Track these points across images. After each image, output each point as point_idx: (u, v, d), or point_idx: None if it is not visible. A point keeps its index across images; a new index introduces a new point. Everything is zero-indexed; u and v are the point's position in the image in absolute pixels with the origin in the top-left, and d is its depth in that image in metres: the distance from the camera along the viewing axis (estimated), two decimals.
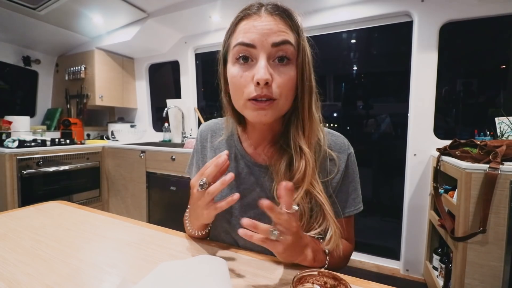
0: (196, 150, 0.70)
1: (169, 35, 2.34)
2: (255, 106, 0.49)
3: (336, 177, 0.58)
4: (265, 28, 0.48)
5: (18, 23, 2.04)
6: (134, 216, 2.12)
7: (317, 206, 0.53)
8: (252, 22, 0.49)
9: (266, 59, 0.48)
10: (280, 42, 0.48)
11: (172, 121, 2.50)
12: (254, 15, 0.50)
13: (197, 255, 0.51)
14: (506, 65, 1.64)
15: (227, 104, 0.58)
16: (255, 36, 0.48)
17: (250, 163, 0.60)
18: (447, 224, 1.25)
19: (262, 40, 0.47)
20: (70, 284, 0.44)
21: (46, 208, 0.81)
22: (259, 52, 0.48)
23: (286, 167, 0.55)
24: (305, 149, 0.53)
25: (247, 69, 0.49)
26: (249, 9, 0.51)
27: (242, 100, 0.51)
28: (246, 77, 0.49)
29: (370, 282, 0.45)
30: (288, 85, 0.49)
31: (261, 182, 0.59)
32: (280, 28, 0.48)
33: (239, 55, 0.49)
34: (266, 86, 0.47)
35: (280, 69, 0.49)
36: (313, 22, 1.87)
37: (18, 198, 1.76)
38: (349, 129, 2.24)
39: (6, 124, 2.08)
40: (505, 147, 1.10)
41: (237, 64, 0.50)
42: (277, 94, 0.48)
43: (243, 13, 0.51)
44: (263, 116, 0.49)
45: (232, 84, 0.52)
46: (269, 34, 0.47)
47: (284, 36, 0.48)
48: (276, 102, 0.49)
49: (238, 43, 0.49)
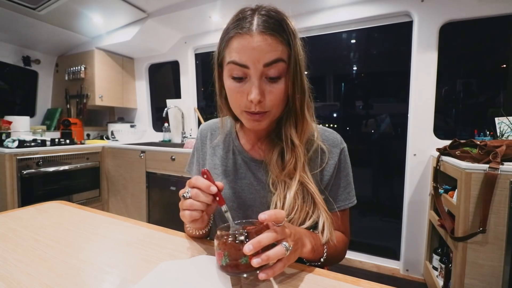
0: (196, 149, 0.73)
1: (169, 35, 2.34)
2: (249, 118, 0.54)
3: (328, 170, 0.61)
4: (257, 49, 0.49)
5: (18, 23, 2.04)
6: (134, 216, 2.12)
7: (308, 195, 0.56)
8: (244, 42, 0.50)
9: (259, 79, 0.50)
10: (271, 62, 0.50)
11: (172, 121, 2.50)
12: (246, 35, 0.49)
13: (197, 255, 0.51)
14: (506, 65, 1.64)
15: (224, 104, 0.61)
16: (247, 57, 0.49)
17: (247, 158, 0.64)
18: (447, 224, 1.25)
19: (254, 62, 0.49)
20: (70, 284, 0.44)
21: (46, 208, 0.81)
22: (252, 72, 0.50)
23: (278, 157, 0.59)
24: (296, 143, 0.57)
25: (242, 85, 0.52)
26: (241, 23, 0.50)
27: (238, 110, 0.55)
28: (242, 93, 0.52)
29: (370, 282, 0.45)
30: (279, 98, 0.53)
31: (258, 177, 0.62)
32: (272, 47, 0.49)
33: (233, 75, 0.52)
34: (259, 103, 0.51)
35: (272, 85, 0.52)
36: (313, 22, 1.87)
37: (18, 198, 1.76)
38: (349, 129, 2.24)
39: (6, 124, 2.08)
40: (505, 147, 1.10)
41: (232, 79, 0.53)
42: (269, 107, 0.53)
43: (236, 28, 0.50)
44: (257, 125, 0.55)
45: (229, 95, 0.56)
46: (261, 55, 0.49)
47: (275, 55, 0.50)
48: (268, 113, 0.54)
49: (232, 61, 0.51)
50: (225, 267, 0.41)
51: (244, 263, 0.39)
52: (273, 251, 0.39)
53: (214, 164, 0.67)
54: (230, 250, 0.40)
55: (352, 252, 1.94)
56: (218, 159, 0.67)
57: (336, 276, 0.47)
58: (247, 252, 0.38)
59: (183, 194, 0.49)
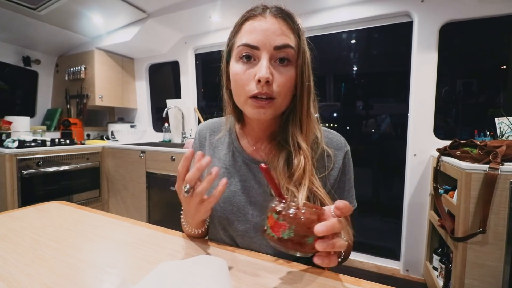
0: (194, 149, 0.70)
1: (169, 35, 2.34)
2: (255, 104, 0.51)
3: (333, 173, 0.60)
4: (269, 30, 0.50)
5: (18, 23, 2.04)
6: (134, 216, 2.12)
7: (317, 202, 0.55)
8: (257, 23, 0.51)
9: (268, 60, 0.50)
10: (281, 46, 0.50)
11: (172, 121, 2.50)
12: (259, 15, 0.52)
13: (197, 255, 0.51)
14: (506, 65, 1.64)
15: (228, 100, 0.60)
16: (259, 37, 0.50)
17: (248, 160, 0.62)
18: (447, 224, 1.25)
19: (265, 43, 0.50)
20: (70, 284, 0.44)
21: (46, 208, 0.81)
22: (262, 53, 0.50)
23: (284, 163, 0.56)
24: (303, 146, 0.55)
25: (250, 68, 0.51)
26: (254, 10, 0.53)
27: (243, 97, 0.53)
28: (248, 75, 0.51)
29: (370, 282, 0.45)
30: (287, 85, 0.52)
31: (258, 179, 0.60)
32: (283, 31, 0.51)
33: (242, 54, 0.52)
34: (266, 84, 0.49)
35: (281, 70, 0.51)
36: (313, 22, 1.87)
37: (18, 198, 1.76)
38: (349, 129, 2.24)
39: (6, 124, 2.08)
40: (505, 147, 1.10)
41: (240, 62, 0.52)
42: (276, 93, 0.51)
43: (249, 14, 0.53)
44: (262, 114, 0.52)
45: (234, 80, 0.54)
46: (272, 36, 0.50)
47: (286, 40, 0.50)
48: (275, 101, 0.52)
49: (243, 44, 0.51)
50: (285, 241, 0.37)
51: (309, 242, 0.37)
52: (339, 243, 0.36)
53: (214, 165, 0.66)
54: (299, 225, 0.37)
55: (352, 252, 1.93)
56: (218, 160, 0.65)
57: (336, 276, 0.47)
58: (319, 232, 0.35)
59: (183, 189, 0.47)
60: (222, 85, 0.61)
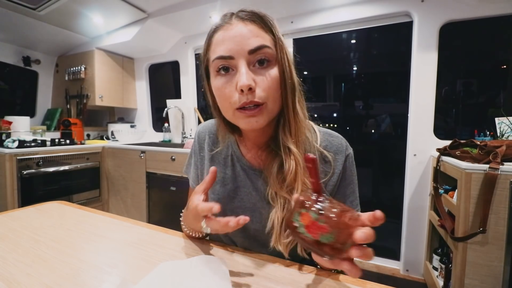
0: (194, 151, 0.70)
1: (169, 35, 2.34)
2: (244, 115, 0.49)
3: (332, 179, 0.57)
4: (239, 36, 0.47)
5: (18, 23, 2.04)
6: (134, 216, 2.12)
7: None
8: (225, 32, 0.49)
9: (246, 66, 0.47)
10: (256, 48, 0.47)
11: (172, 121, 2.50)
12: (226, 24, 0.50)
13: (197, 255, 0.51)
14: (506, 65, 1.64)
15: (218, 116, 0.58)
16: (230, 46, 0.47)
17: (246, 166, 0.61)
18: (447, 224, 1.25)
19: (237, 50, 0.47)
20: (70, 284, 0.44)
21: (46, 208, 0.81)
22: (238, 61, 0.48)
23: (278, 170, 0.54)
24: (293, 149, 0.52)
25: (230, 79, 0.49)
26: (221, 19, 0.51)
27: (230, 111, 0.50)
28: (230, 87, 0.49)
29: (370, 282, 0.45)
30: (273, 87, 0.49)
31: (256, 186, 0.59)
32: (254, 33, 0.48)
33: (219, 67, 0.49)
34: (250, 92, 0.47)
35: (262, 72, 0.49)
36: (313, 22, 1.87)
37: (18, 198, 1.76)
38: (349, 129, 2.24)
39: (6, 124, 2.08)
40: (505, 147, 1.10)
41: (218, 76, 0.50)
42: (263, 98, 0.48)
43: (216, 25, 0.51)
44: (255, 123, 0.49)
45: (217, 96, 0.52)
46: (243, 41, 0.47)
47: (259, 41, 0.48)
48: (264, 106, 0.49)
49: (216, 57, 0.49)
50: (321, 245, 0.34)
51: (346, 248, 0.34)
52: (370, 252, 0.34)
53: None
54: (341, 230, 0.33)
55: None
56: (217, 165, 0.64)
57: (336, 276, 0.47)
58: (360, 240, 0.32)
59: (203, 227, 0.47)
60: (209, 104, 0.58)
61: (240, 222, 0.43)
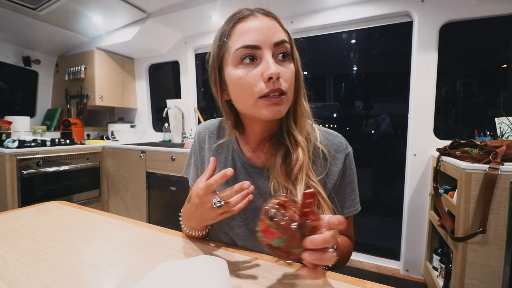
0: (194, 151, 0.70)
1: (169, 35, 2.34)
2: (268, 103, 0.49)
3: (333, 177, 0.58)
4: (265, 28, 0.50)
5: (18, 23, 2.04)
6: (134, 216, 2.12)
7: None
8: (251, 23, 0.50)
9: (272, 57, 0.49)
10: (280, 42, 0.50)
11: (172, 121, 2.50)
12: (250, 16, 0.51)
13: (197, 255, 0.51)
14: (506, 65, 1.64)
15: (229, 110, 0.58)
16: (258, 37, 0.49)
17: (247, 165, 0.61)
18: (447, 224, 1.25)
19: (264, 40, 0.49)
20: (70, 284, 0.44)
21: (46, 208, 0.81)
22: (264, 51, 0.49)
23: (282, 161, 0.56)
24: (299, 139, 0.55)
25: (253, 69, 0.50)
26: (240, 13, 0.52)
27: (252, 99, 0.50)
28: (254, 76, 0.49)
29: (370, 282, 0.45)
30: (292, 79, 0.52)
31: (258, 184, 0.59)
32: (277, 28, 0.52)
33: (244, 56, 0.50)
34: (277, 80, 0.49)
35: (284, 65, 0.51)
36: (313, 22, 1.87)
37: (18, 198, 1.76)
38: (349, 129, 2.24)
39: (6, 124, 2.08)
40: (505, 147, 1.10)
41: (241, 65, 0.51)
42: (286, 88, 0.50)
43: (237, 17, 0.52)
44: (277, 111, 0.50)
45: (237, 85, 0.52)
46: (269, 33, 0.50)
47: (282, 36, 0.51)
48: (286, 96, 0.51)
49: (242, 46, 0.49)
50: (274, 248, 0.38)
51: (298, 253, 0.37)
52: (327, 256, 0.36)
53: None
54: (289, 236, 0.37)
55: (352, 252, 1.94)
56: (218, 163, 0.63)
57: (336, 276, 0.47)
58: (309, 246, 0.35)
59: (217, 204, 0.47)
60: (217, 98, 0.58)
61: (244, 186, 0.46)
